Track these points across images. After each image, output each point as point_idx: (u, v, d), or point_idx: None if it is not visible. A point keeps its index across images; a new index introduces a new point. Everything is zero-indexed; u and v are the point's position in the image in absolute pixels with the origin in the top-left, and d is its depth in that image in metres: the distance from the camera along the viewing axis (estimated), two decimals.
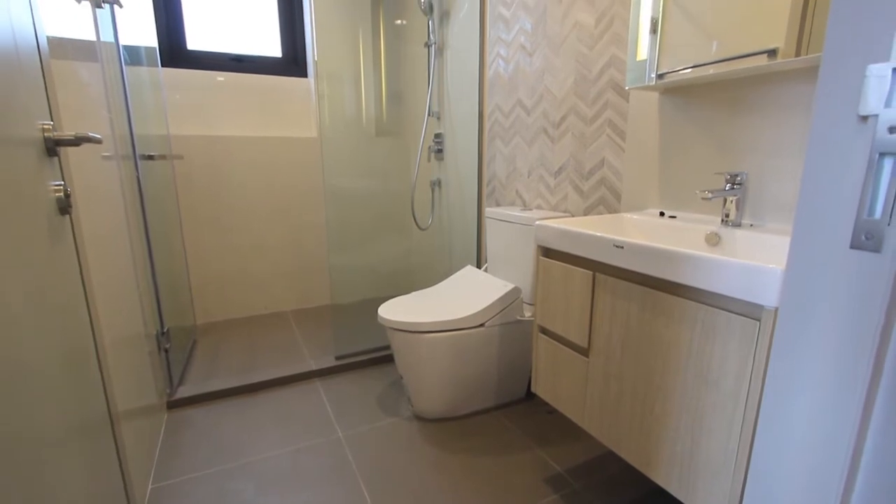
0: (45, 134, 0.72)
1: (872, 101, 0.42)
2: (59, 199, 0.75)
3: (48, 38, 0.86)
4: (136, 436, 1.23)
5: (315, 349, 2.20)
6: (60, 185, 0.75)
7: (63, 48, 0.98)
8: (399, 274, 2.70)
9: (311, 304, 2.89)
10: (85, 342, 0.87)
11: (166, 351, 1.71)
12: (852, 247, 0.45)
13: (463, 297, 1.65)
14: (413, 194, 2.38)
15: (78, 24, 1.12)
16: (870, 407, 0.48)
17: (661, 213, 1.24)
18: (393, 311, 1.56)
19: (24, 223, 0.64)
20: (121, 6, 1.41)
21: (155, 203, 1.79)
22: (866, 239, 0.44)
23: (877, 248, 0.43)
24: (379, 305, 1.63)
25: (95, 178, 1.11)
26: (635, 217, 1.23)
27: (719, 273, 0.76)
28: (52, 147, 0.73)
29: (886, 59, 0.41)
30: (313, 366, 1.97)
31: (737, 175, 1.05)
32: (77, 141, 0.74)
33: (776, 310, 0.68)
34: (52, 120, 0.78)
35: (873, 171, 0.43)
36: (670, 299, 0.86)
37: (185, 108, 2.43)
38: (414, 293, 1.76)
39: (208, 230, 2.54)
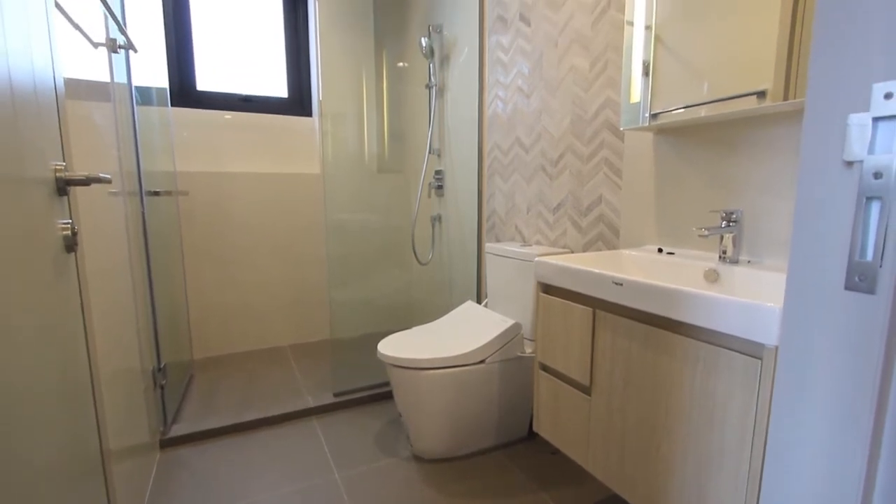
0: (57, 174, 0.74)
1: (856, 147, 0.44)
2: (65, 237, 0.76)
3: (64, 79, 0.90)
4: (127, 475, 1.19)
5: (313, 385, 2.16)
6: (68, 223, 0.76)
7: (78, 89, 1.02)
8: (399, 308, 2.69)
9: (311, 339, 2.87)
10: (82, 378, 0.87)
11: (162, 387, 1.69)
12: (846, 288, 0.46)
13: (463, 332, 1.64)
14: (413, 229, 2.41)
15: (93, 67, 1.17)
16: (876, 448, 0.47)
17: (660, 250, 1.26)
18: (393, 346, 1.55)
19: (32, 261, 0.65)
20: (136, 51, 1.48)
21: (158, 238, 1.81)
22: (860, 280, 0.45)
23: (871, 290, 0.44)
24: (379, 340, 1.62)
25: (101, 214, 1.13)
26: (634, 253, 1.24)
27: (719, 311, 0.76)
28: (63, 187, 0.75)
29: (866, 109, 0.43)
30: (311, 403, 1.93)
31: (732, 212, 1.07)
32: (87, 181, 0.76)
33: (777, 348, 0.68)
34: (64, 160, 0.81)
35: (861, 214, 0.44)
36: (671, 337, 0.86)
37: (193, 145, 2.49)
38: (414, 328, 1.75)
39: (210, 264, 2.56)
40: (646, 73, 1.18)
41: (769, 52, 0.91)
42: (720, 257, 1.08)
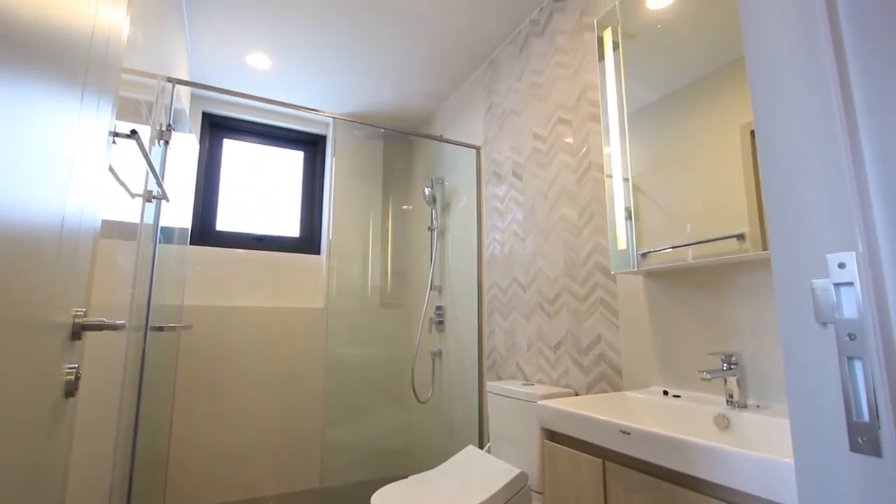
0: (76, 320, 0.77)
1: (825, 310, 0.48)
2: (68, 382, 0.76)
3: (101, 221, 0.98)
4: None
5: None
6: (74, 368, 0.77)
7: (109, 229, 1.10)
8: (396, 451, 2.50)
9: (297, 488, 2.60)
10: None
11: None
12: (852, 450, 0.45)
13: (464, 483, 1.51)
14: (414, 365, 2.37)
15: (127, 212, 1.28)
16: None
17: (665, 392, 1.23)
18: (387, 501, 1.41)
19: (30, 407, 0.64)
20: (168, 201, 1.64)
21: (153, 372, 1.78)
22: (863, 442, 0.45)
23: (876, 452, 0.44)
24: (372, 489, 1.48)
25: (102, 351, 1.13)
26: (639, 396, 1.21)
27: (736, 467, 0.72)
28: (79, 332, 0.77)
29: (826, 276, 0.48)
30: None
31: (731, 355, 1.07)
32: (101, 327, 0.79)
33: None
34: (84, 305, 0.85)
35: (846, 374, 0.46)
36: (689, 495, 0.80)
37: (204, 279, 2.59)
38: (412, 478, 1.61)
39: (201, 399, 2.45)
40: (629, 217, 1.28)
41: (740, 199, 1.00)
42: (727, 401, 1.06)
